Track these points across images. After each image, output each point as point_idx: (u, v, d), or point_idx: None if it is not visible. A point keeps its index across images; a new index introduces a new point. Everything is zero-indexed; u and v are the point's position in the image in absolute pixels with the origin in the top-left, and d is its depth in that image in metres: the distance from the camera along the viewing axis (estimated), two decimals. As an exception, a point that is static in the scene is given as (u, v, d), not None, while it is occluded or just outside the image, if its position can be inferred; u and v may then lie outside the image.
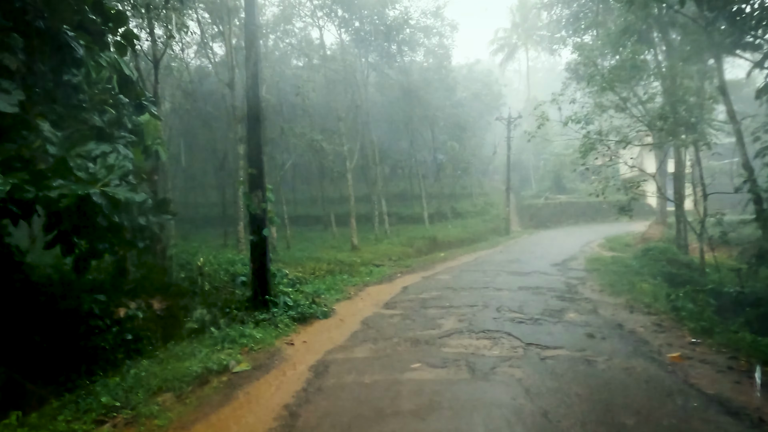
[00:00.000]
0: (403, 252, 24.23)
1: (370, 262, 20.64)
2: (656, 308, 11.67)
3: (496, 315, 10.27)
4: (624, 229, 33.50)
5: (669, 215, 33.20)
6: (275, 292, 10.39)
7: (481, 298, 12.23)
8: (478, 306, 11.22)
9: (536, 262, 20.10)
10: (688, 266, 20.18)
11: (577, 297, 12.86)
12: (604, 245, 27.10)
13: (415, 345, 8.12)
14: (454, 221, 34.17)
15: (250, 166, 9.80)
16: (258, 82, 9.73)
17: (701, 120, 19.07)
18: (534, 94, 51.45)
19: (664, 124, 18.50)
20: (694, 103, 19.61)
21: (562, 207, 40.29)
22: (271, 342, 8.41)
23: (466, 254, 24.20)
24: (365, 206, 30.10)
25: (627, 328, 9.66)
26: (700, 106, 19.28)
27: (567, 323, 9.76)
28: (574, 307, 11.46)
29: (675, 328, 9.86)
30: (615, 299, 12.93)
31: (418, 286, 14.75)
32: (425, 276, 16.95)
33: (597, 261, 20.54)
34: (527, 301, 11.95)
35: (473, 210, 37.39)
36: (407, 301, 12.24)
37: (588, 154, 22.42)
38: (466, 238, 30.57)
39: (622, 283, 15.27)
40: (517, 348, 7.86)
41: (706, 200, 19.43)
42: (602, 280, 15.95)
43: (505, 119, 33.95)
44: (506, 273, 17.03)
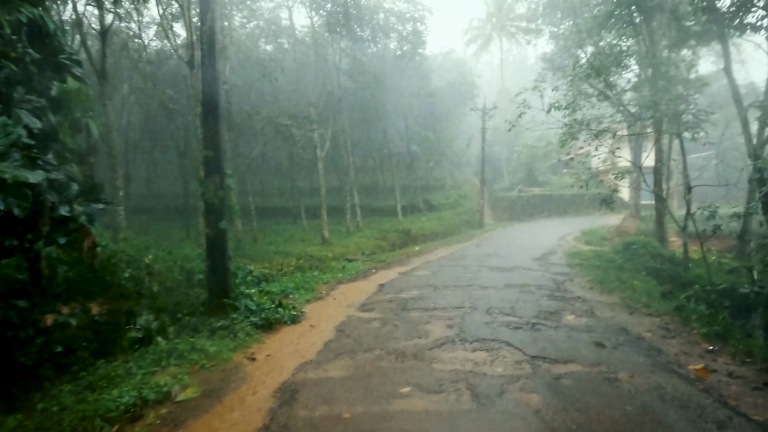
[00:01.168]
0: (377, 245, 22.87)
1: (342, 257, 19.22)
2: (656, 309, 10.63)
3: (487, 319, 9.00)
4: (598, 222, 32.92)
5: (642, 208, 32.78)
6: (236, 294, 8.88)
7: (467, 297, 10.95)
8: (466, 308, 9.94)
9: (516, 256, 19.02)
10: (670, 261, 19.39)
11: (568, 296, 11.73)
12: (580, 239, 26.22)
13: (402, 360, 6.76)
14: (428, 214, 32.92)
15: (206, 148, 8.25)
16: (214, 48, 8.18)
17: (687, 110, 18.16)
18: (507, 86, 50.65)
19: (655, 113, 17.59)
20: (679, 92, 18.72)
21: (535, 200, 39.54)
22: (227, 356, 6.93)
23: (441, 248, 23.00)
24: (337, 198, 28.61)
25: (633, 333, 8.52)
26: (685, 95, 18.40)
27: (567, 328, 8.55)
28: (569, 308, 10.30)
29: (684, 333, 8.77)
30: (608, 298, 11.87)
31: (395, 283, 13.40)
32: (402, 272, 15.62)
33: (577, 255, 19.57)
34: (517, 301, 10.74)
35: (446, 202, 36.22)
36: (386, 301, 10.88)
37: (568, 143, 21.46)
38: (441, 231, 29.38)
39: (610, 279, 14.28)
40: (521, 363, 6.58)
41: (690, 193, 18.59)
42: (589, 276, 14.92)
43: (479, 110, 32.84)
44: (488, 269, 15.85)
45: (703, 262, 21.38)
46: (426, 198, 35.40)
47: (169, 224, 26.02)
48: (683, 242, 19.23)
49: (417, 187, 36.18)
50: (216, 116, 8.21)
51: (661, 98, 18.31)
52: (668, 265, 18.67)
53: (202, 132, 8.52)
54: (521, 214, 38.23)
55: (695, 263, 19.83)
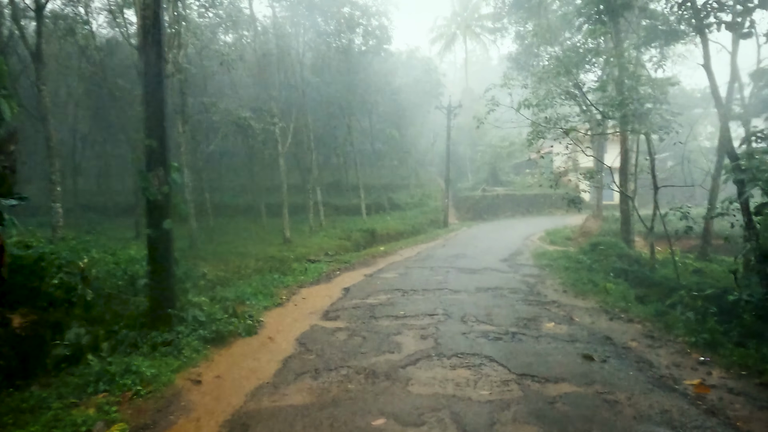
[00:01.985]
0: (341, 246, 21.88)
1: (304, 258, 18.17)
2: (635, 314, 10.07)
3: (464, 328, 8.19)
4: (560, 222, 32.79)
5: (603, 209, 32.83)
6: (182, 303, 7.78)
7: (439, 303, 10.14)
8: (439, 315, 9.11)
9: (483, 257, 18.39)
10: (637, 262, 19.11)
11: (543, 300, 11.08)
12: (545, 239, 25.90)
13: (372, 381, 5.85)
14: (393, 213, 32.08)
15: (148, 136, 7.14)
16: (159, 22, 7.07)
17: (655, 109, 17.86)
18: (471, 86, 50.35)
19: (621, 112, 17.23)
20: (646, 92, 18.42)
21: (499, 199, 39.22)
22: (168, 379, 5.87)
23: (407, 248, 22.21)
24: (299, 196, 27.46)
25: (619, 343, 7.87)
26: (652, 95, 18.10)
27: (549, 338, 7.82)
28: (546, 314, 9.62)
29: (669, 341, 8.17)
30: (584, 302, 11.29)
31: (361, 287, 12.48)
32: (368, 274, 14.72)
33: (544, 256, 19.10)
34: (492, 306, 9.99)
35: (411, 201, 35.44)
36: (352, 308, 9.94)
37: (536, 141, 21.00)
38: (405, 230, 28.60)
39: (582, 281, 13.77)
40: (509, 383, 5.77)
41: (656, 194, 18.34)
42: (560, 278, 14.40)
43: (445, 108, 32.20)
44: (456, 270, 15.12)
45: (669, 262, 21.31)
46: (390, 197, 34.58)
47: (120, 223, 24.37)
48: (650, 243, 18.99)
49: (381, 186, 35.33)
50: (160, 99, 7.10)
51: (628, 98, 18.01)
52: (636, 267, 18.36)
53: (144, 118, 7.39)
54: (485, 214, 37.84)
55: (660, 264, 19.67)
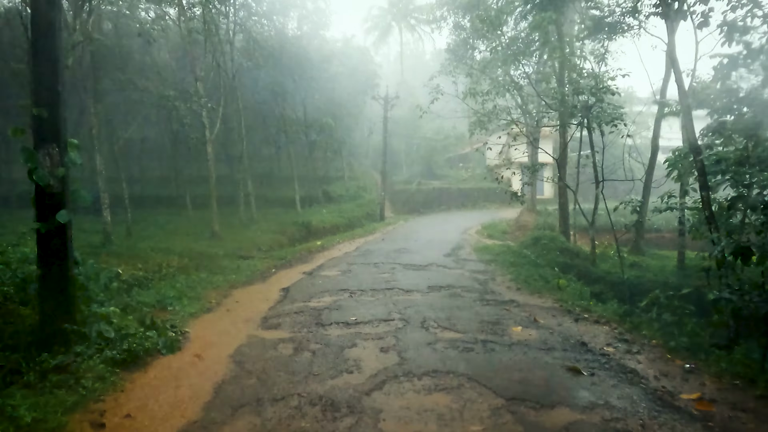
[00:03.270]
0: (275, 240, 20.34)
1: (235, 254, 16.55)
2: (599, 314, 9.39)
3: (427, 337, 7.09)
4: (494, 215, 32.66)
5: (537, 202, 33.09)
6: (84, 314, 6.16)
7: (392, 306, 9.00)
8: (396, 320, 7.97)
9: (426, 252, 17.49)
10: (578, 256, 18.91)
11: (500, 299, 10.23)
12: (482, 232, 25.42)
13: (332, 415, 4.60)
14: (328, 206, 30.68)
15: (36, 104, 5.48)
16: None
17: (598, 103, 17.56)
18: (406, 79, 49.60)
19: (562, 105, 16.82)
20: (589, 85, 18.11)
21: (434, 193, 38.74)
22: (58, 423, 4.34)
23: (345, 242, 20.95)
24: (228, 187, 25.53)
25: (595, 349, 7.06)
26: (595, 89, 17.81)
27: (524, 346, 6.89)
28: (509, 316, 8.73)
29: (645, 345, 7.47)
30: (541, 300, 10.54)
31: (302, 287, 11.13)
32: (307, 272, 13.36)
33: (486, 250, 18.48)
34: (450, 308, 8.99)
35: (346, 194, 34.17)
36: (294, 313, 8.60)
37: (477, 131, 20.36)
38: (342, 224, 27.32)
39: (533, 278, 13.11)
40: (500, 412, 4.70)
41: (598, 188, 18.11)
42: (509, 275, 13.67)
43: (382, 98, 31.14)
44: (402, 267, 14.08)
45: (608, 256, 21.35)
46: (326, 189, 33.17)
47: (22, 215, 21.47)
48: (591, 237, 18.80)
49: (316, 178, 33.83)
50: (51, 56, 5.45)
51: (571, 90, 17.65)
52: (578, 261, 18.14)
53: (31, 81, 5.70)
54: (421, 207, 37.22)
55: (600, 258, 19.61)
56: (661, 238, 25.40)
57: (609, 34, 17.01)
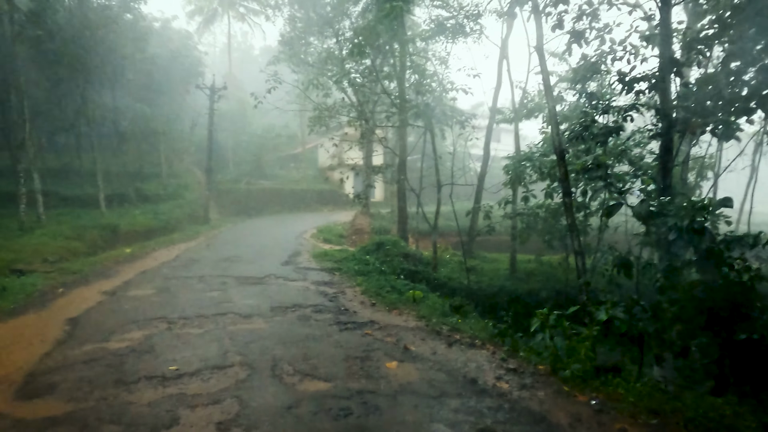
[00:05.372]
0: (69, 248, 16.18)
1: (8, 267, 12.51)
2: (468, 332, 8.27)
3: (284, 394, 5.05)
4: (328, 218, 31.31)
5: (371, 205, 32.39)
6: None
7: (228, 341, 6.74)
8: (235, 366, 5.77)
9: (261, 260, 15.30)
10: (421, 261, 18.19)
11: (358, 320, 8.60)
12: (318, 236, 23.69)
13: None
14: (142, 206, 26.17)
15: None
16: None
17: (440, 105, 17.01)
18: (234, 72, 45.89)
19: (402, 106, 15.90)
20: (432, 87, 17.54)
21: (264, 194, 35.97)
22: None
23: (162, 249, 17.61)
24: (5, 182, 20.18)
25: (489, 387, 5.74)
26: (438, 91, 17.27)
27: (408, 394, 5.27)
28: (376, 345, 7.12)
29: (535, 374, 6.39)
30: (401, 318, 9.16)
31: (99, 315, 8.21)
32: (109, 291, 10.28)
33: (326, 257, 16.87)
34: (304, 340, 7.06)
35: (164, 193, 29.70)
36: (82, 363, 5.86)
37: (316, 127, 18.64)
38: (159, 227, 23.41)
39: (385, 289, 11.83)
40: None
41: (440, 192, 17.61)
42: (358, 286, 12.21)
43: (207, 88, 27.63)
44: (235, 281, 11.74)
45: (447, 261, 21.08)
46: (139, 187, 28.43)
47: None
48: (433, 242, 18.22)
49: (127, 174, 28.92)
50: None
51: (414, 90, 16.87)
52: (421, 267, 17.39)
53: None
54: (250, 209, 34.24)
55: (439, 263, 19.19)
56: (486, 241, 26.28)
57: (453, 36, 16.49)
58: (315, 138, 39.42)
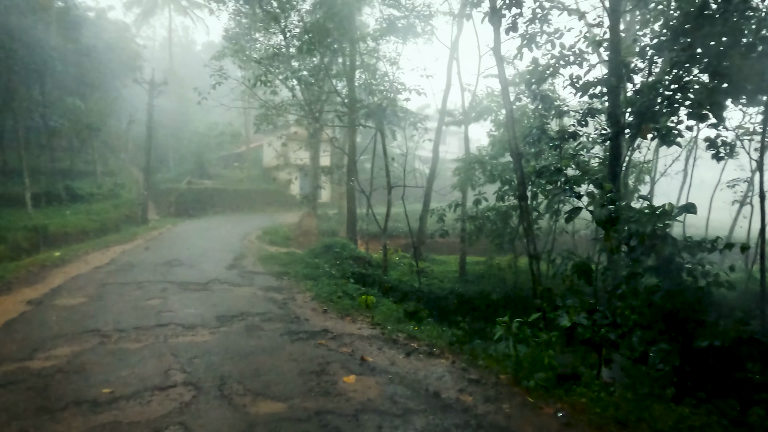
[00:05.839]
0: (-12, 252, 14.81)
1: None
2: (426, 340, 7.97)
3: (236, 419, 4.52)
4: (274, 220, 30.50)
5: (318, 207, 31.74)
6: None
7: (171, 357, 6.13)
8: (179, 387, 5.19)
9: (204, 264, 14.50)
10: (370, 264, 17.83)
11: (310, 328, 8.14)
12: (264, 238, 22.94)
13: None
14: (74, 206, 24.46)
15: None
16: None
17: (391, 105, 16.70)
18: (175, 68, 43.96)
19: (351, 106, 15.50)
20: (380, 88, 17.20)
21: (207, 194, 34.61)
22: None
23: (96, 252, 16.40)
24: None
25: (453, 401, 5.42)
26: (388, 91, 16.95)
27: (371, 413, 4.89)
28: (331, 357, 6.68)
29: (497, 385, 6.11)
30: (355, 326, 8.76)
31: (22, 328, 7.34)
32: (35, 300, 9.31)
33: (273, 260, 16.29)
34: (254, 353, 6.54)
35: (99, 192, 27.92)
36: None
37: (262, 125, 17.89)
38: (93, 228, 21.94)
39: (336, 294, 11.42)
40: None
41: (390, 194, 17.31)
42: (308, 290, 11.74)
43: (146, 82, 26.21)
44: (177, 286, 10.98)
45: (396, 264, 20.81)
46: (70, 185, 26.61)
47: None
48: (383, 244, 17.90)
49: (58, 171, 27.04)
50: None
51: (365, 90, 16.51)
52: (371, 270, 17.01)
53: None
54: (192, 210, 32.82)
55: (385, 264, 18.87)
56: (435, 243, 26.28)
57: (404, 36, 16.24)
58: (260, 137, 38.34)
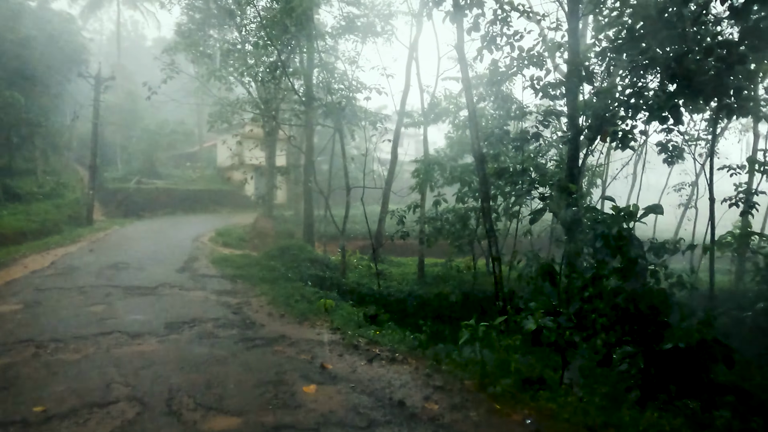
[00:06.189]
0: None
1: None
2: (387, 345, 7.74)
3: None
4: (227, 221, 29.60)
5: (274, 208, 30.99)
6: None
7: (114, 369, 5.63)
8: (121, 403, 4.73)
9: (153, 267, 13.82)
10: (328, 266, 17.43)
11: (267, 334, 7.78)
12: (217, 240, 22.16)
13: None
14: (11, 206, 22.87)
15: None
16: None
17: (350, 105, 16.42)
18: (124, 63, 42.13)
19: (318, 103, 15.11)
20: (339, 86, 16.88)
21: (157, 194, 33.19)
22: None
23: (35, 254, 15.39)
24: None
25: (419, 411, 5.21)
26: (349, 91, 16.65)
27: (334, 426, 4.57)
28: (289, 365, 6.35)
29: (463, 391, 5.94)
30: (314, 331, 8.45)
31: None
32: (-38, 308, 8.52)
33: (227, 262, 15.72)
34: (207, 363, 6.12)
35: (40, 191, 26.24)
36: None
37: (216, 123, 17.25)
38: (32, 229, 20.55)
39: (294, 297, 11.06)
40: None
41: (348, 194, 17.03)
42: (264, 295, 11.34)
43: (92, 77, 24.87)
44: (122, 291, 10.36)
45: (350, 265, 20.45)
46: (7, 184, 24.91)
47: None
48: (341, 246, 17.56)
49: (-8, 169, 25.32)
50: None
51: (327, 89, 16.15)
52: (329, 272, 16.62)
53: None
54: (141, 210, 31.40)
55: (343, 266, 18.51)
56: (393, 245, 26.10)
57: (363, 35, 15.97)
58: (214, 136, 37.23)
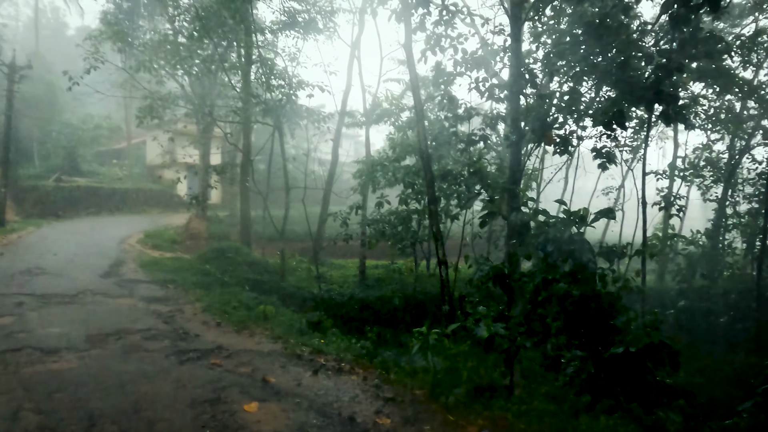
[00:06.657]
0: None
1: None
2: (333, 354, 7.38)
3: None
4: (157, 222, 28.12)
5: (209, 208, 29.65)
6: None
7: (21, 395, 4.92)
8: None
9: (74, 272, 12.75)
10: (267, 270, 16.75)
11: (201, 346, 7.20)
12: (145, 242, 20.91)
13: None
14: None
15: None
16: None
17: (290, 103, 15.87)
18: (42, 52, 39.08)
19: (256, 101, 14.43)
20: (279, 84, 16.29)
21: (80, 192, 30.91)
22: None
23: (-67, 260, 13.82)
24: None
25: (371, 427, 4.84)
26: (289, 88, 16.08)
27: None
28: (228, 380, 5.84)
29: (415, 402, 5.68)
30: (254, 340, 7.96)
31: None
32: None
33: (157, 266, 14.80)
34: (134, 381, 5.50)
35: (-60, 189, 23.86)
36: None
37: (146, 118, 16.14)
38: (-69, 231, 18.57)
39: (231, 304, 10.49)
40: None
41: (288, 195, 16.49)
42: (199, 301, 10.65)
43: (6, 65, 22.76)
44: (36, 300, 9.38)
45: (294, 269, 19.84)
46: None
47: None
48: (281, 249, 16.94)
49: None
50: None
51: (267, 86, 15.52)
52: (268, 276, 15.95)
53: None
54: (61, 210, 29.13)
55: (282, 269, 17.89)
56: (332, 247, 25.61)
57: (305, 31, 15.46)
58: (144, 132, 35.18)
